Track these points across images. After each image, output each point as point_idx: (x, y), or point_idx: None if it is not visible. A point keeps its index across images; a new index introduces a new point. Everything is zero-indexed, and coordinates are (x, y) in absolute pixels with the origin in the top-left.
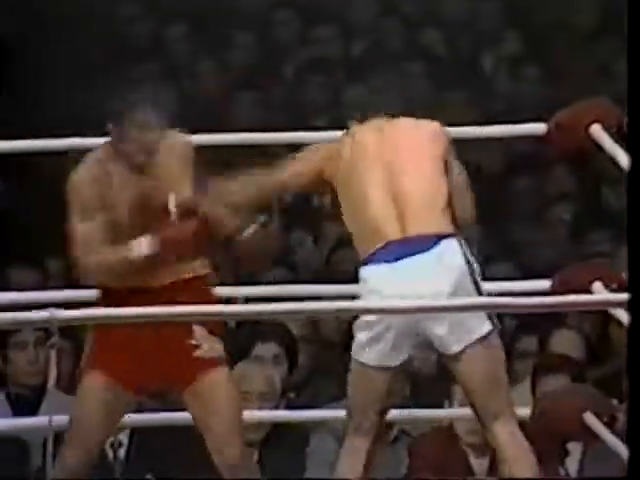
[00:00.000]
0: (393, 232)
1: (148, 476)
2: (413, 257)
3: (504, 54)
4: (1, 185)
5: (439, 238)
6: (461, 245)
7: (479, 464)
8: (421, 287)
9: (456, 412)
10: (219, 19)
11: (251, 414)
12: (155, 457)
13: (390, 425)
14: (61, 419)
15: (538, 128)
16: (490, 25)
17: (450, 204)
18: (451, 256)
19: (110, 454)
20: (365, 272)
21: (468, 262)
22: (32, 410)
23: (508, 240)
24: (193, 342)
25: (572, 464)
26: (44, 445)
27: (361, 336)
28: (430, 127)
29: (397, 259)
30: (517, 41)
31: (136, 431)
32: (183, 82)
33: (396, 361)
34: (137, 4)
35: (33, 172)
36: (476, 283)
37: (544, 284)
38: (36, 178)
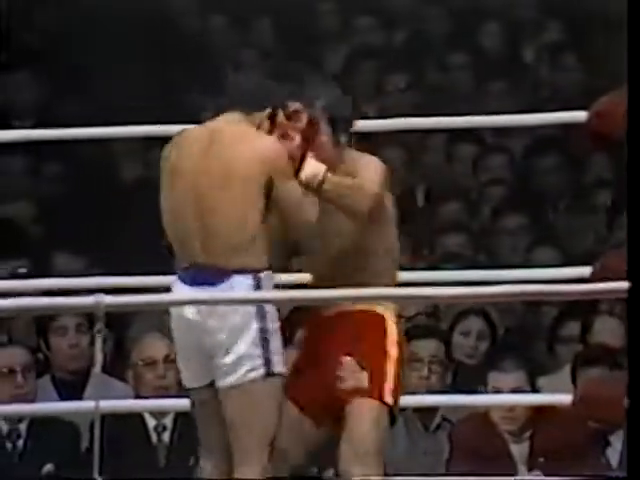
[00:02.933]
0: (196, 254)
1: (191, 460)
2: (206, 287)
3: (545, 43)
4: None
5: (232, 273)
6: (255, 283)
7: (519, 450)
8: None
9: (493, 399)
10: None
11: None
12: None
13: (433, 412)
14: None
15: (578, 116)
16: (530, 15)
17: (259, 235)
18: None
19: (154, 438)
20: (173, 284)
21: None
22: (76, 393)
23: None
24: (340, 374)
25: (614, 455)
26: (91, 427)
27: None
28: (258, 145)
29: (193, 284)
30: (557, 31)
31: (180, 416)
32: None
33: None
34: None
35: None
36: (264, 320)
37: (585, 271)
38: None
